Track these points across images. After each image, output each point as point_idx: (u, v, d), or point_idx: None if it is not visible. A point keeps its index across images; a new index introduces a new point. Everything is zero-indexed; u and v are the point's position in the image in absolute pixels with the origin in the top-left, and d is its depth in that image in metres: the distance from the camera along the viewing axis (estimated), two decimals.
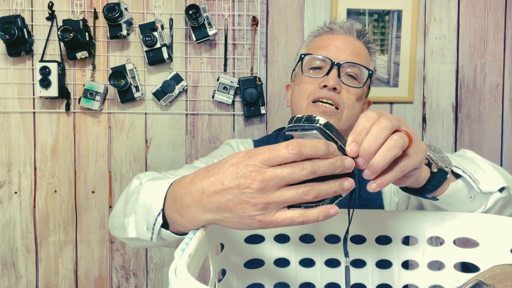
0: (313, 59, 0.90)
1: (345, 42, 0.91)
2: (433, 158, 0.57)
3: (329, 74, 0.86)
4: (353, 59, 0.89)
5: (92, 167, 1.58)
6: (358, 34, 0.93)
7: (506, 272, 0.47)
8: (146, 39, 1.47)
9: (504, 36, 1.65)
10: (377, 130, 0.46)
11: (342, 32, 0.92)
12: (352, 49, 0.90)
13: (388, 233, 0.65)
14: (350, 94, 0.88)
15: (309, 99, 0.88)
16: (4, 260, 1.58)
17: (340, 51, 0.89)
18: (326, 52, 0.89)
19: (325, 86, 0.86)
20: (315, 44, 0.94)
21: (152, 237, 0.56)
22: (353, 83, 0.89)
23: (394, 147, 0.45)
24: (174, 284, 0.39)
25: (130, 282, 1.62)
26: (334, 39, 0.91)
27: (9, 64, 1.53)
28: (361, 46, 0.93)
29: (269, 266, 0.65)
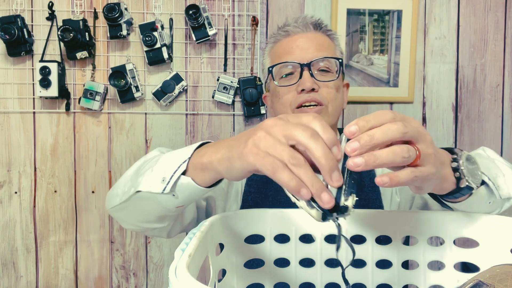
0: (281, 68, 0.90)
1: (305, 40, 0.90)
2: (464, 173, 0.53)
3: (302, 77, 0.86)
4: (319, 54, 0.89)
5: (92, 167, 1.58)
6: (314, 26, 0.92)
7: (506, 272, 0.47)
8: (146, 39, 1.47)
9: (504, 36, 1.65)
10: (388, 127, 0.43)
11: (299, 30, 0.92)
12: (314, 44, 0.90)
13: (388, 233, 0.65)
14: (329, 88, 0.89)
15: (292, 107, 0.88)
16: (4, 260, 1.58)
17: (304, 51, 0.89)
18: (291, 56, 0.89)
19: (303, 90, 0.86)
20: (277, 51, 0.94)
21: (165, 188, 0.58)
22: (327, 76, 0.89)
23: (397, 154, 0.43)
24: (174, 284, 0.39)
25: (130, 282, 1.62)
26: (293, 41, 0.91)
27: (9, 64, 1.53)
28: (322, 36, 0.93)
29: (269, 266, 0.65)
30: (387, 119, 0.44)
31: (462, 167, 0.53)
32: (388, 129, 0.43)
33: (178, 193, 0.59)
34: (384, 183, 0.43)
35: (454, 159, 0.54)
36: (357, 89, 1.60)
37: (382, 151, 0.42)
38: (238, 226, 0.63)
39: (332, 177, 0.42)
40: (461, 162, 0.53)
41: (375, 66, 1.60)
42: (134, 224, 0.73)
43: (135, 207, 0.67)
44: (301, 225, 0.65)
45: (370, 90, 1.60)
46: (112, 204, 0.71)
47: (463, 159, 0.54)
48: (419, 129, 0.45)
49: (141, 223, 0.72)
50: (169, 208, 0.64)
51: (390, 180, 0.43)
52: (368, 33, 1.59)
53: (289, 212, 0.66)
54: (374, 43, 1.59)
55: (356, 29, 1.58)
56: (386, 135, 0.42)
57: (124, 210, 0.70)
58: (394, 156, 0.42)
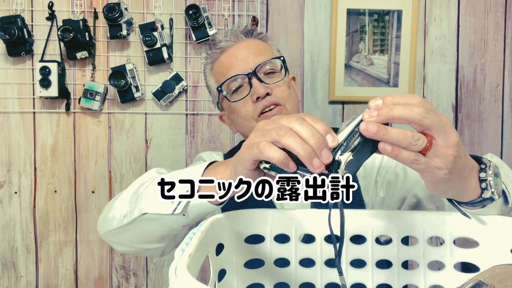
0: (229, 84, 0.90)
1: (241, 50, 0.91)
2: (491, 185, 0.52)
3: (252, 86, 0.87)
4: (259, 59, 0.89)
5: (92, 167, 1.58)
6: (245, 34, 0.93)
7: (506, 272, 0.47)
8: (146, 39, 1.47)
9: (504, 36, 1.65)
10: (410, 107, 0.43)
11: (232, 43, 0.92)
12: (251, 51, 0.91)
13: (388, 233, 0.65)
14: (281, 87, 0.90)
15: (254, 117, 0.88)
16: (4, 260, 1.58)
17: (244, 61, 0.89)
18: (235, 70, 0.89)
19: (258, 98, 0.87)
20: (218, 69, 0.94)
21: (176, 208, 0.58)
22: (275, 77, 0.90)
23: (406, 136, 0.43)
24: (174, 284, 0.39)
25: (130, 282, 1.62)
26: (230, 54, 0.91)
27: (9, 64, 1.53)
28: (255, 42, 0.93)
29: (269, 266, 0.65)
30: (414, 101, 0.44)
31: (490, 178, 0.53)
32: (410, 108, 0.43)
33: (189, 212, 0.59)
34: (384, 150, 0.44)
35: (483, 169, 0.53)
36: (357, 89, 1.60)
37: (393, 129, 0.43)
38: (238, 226, 0.63)
39: (322, 156, 0.44)
40: (489, 173, 0.53)
41: (375, 66, 1.60)
42: (131, 246, 0.73)
43: (137, 229, 0.67)
44: (301, 225, 0.65)
45: (370, 90, 1.60)
46: (107, 229, 0.71)
47: (492, 170, 0.53)
48: (444, 125, 0.45)
49: (139, 244, 0.72)
50: (175, 228, 0.64)
51: (392, 149, 0.44)
52: (368, 33, 1.59)
53: (289, 212, 0.66)
54: (374, 43, 1.59)
55: (356, 29, 1.58)
56: (405, 112, 0.43)
57: (123, 233, 0.69)
58: (404, 138, 0.43)
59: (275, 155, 0.45)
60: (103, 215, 0.74)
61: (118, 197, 0.73)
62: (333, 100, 1.60)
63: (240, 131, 0.96)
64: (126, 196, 0.70)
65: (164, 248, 0.77)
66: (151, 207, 0.61)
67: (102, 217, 0.74)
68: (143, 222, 0.65)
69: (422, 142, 0.44)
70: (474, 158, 0.55)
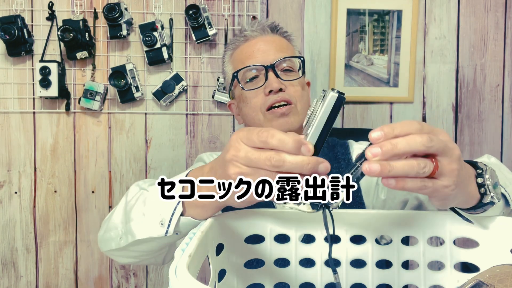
0: (246, 71, 0.91)
1: (265, 42, 0.92)
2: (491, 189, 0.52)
3: (268, 78, 0.87)
4: (280, 54, 0.90)
5: (92, 167, 1.58)
6: (271, 29, 0.94)
7: (506, 272, 0.47)
8: (146, 39, 1.47)
9: (504, 36, 1.65)
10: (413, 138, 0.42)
11: (257, 34, 0.93)
12: (274, 46, 0.91)
13: (388, 233, 0.65)
14: (295, 86, 0.90)
15: (263, 109, 0.88)
16: (4, 260, 1.58)
17: (265, 53, 0.90)
18: (254, 60, 0.90)
19: (270, 91, 0.87)
20: (238, 57, 0.94)
21: (167, 231, 0.57)
22: (292, 75, 0.90)
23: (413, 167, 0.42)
24: (174, 284, 0.39)
25: (130, 282, 1.62)
26: (253, 45, 0.92)
27: (9, 64, 1.53)
28: (280, 39, 0.94)
29: (269, 266, 0.65)
30: (413, 129, 0.43)
31: (488, 182, 0.52)
32: (413, 140, 0.42)
33: (181, 229, 0.59)
34: (389, 184, 0.43)
35: (479, 174, 0.53)
36: (357, 89, 1.60)
37: (398, 163, 0.42)
38: (238, 226, 0.63)
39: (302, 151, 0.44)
40: (486, 177, 0.52)
41: (375, 66, 1.60)
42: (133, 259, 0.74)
43: (135, 248, 0.67)
44: (301, 225, 0.65)
45: (370, 90, 1.60)
46: (108, 248, 0.71)
47: (489, 174, 0.53)
48: (446, 143, 0.44)
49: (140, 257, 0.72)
50: (171, 243, 0.65)
51: (396, 183, 0.43)
52: (368, 33, 1.59)
53: (289, 212, 0.66)
54: (374, 43, 1.59)
55: (356, 29, 1.58)
56: (410, 146, 0.42)
57: (123, 251, 0.70)
58: (410, 169, 0.42)
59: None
60: (101, 233, 0.73)
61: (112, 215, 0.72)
62: None
63: (246, 121, 0.96)
64: (118, 215, 0.69)
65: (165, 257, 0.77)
66: (142, 233, 0.61)
67: (101, 235, 0.74)
68: (138, 244, 0.65)
69: (428, 168, 0.43)
70: (470, 163, 0.55)
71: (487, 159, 0.75)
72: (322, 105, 0.46)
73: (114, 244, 0.68)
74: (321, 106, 0.46)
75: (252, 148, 0.46)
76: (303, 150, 0.44)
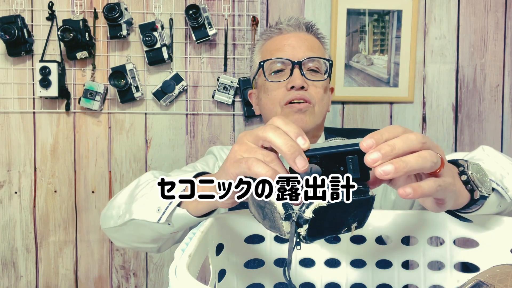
0: (272, 63, 0.91)
1: (297, 39, 0.92)
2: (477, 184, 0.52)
3: (292, 74, 0.87)
4: (310, 53, 0.90)
5: (92, 167, 1.58)
6: (307, 28, 0.94)
7: (506, 272, 0.47)
8: (146, 39, 1.47)
9: (504, 36, 1.65)
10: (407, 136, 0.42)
11: (292, 29, 0.93)
12: (306, 44, 0.91)
13: (388, 233, 0.65)
14: (317, 88, 0.90)
15: (281, 103, 0.89)
16: (4, 260, 1.58)
17: (295, 49, 0.90)
18: (283, 53, 0.90)
19: (292, 87, 0.87)
20: (268, 47, 0.95)
21: (160, 218, 0.58)
22: (317, 76, 0.91)
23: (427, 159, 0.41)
24: (174, 284, 0.39)
25: (130, 282, 1.62)
26: (286, 39, 0.92)
27: (9, 64, 1.53)
28: (313, 38, 0.94)
29: (269, 266, 0.65)
30: (400, 131, 0.43)
31: (472, 177, 0.51)
32: (408, 138, 0.42)
33: (173, 222, 0.59)
34: (407, 195, 0.41)
35: (462, 172, 0.52)
36: (357, 89, 1.60)
37: (411, 157, 0.41)
38: (238, 226, 0.63)
39: (296, 162, 0.43)
40: (470, 173, 0.51)
41: (375, 66, 1.60)
42: (127, 244, 0.74)
43: (130, 231, 0.68)
44: None
45: (370, 90, 1.60)
46: (107, 225, 0.72)
47: (471, 169, 0.52)
48: (432, 142, 0.45)
49: (134, 243, 0.73)
50: (164, 234, 0.65)
51: (414, 191, 0.41)
52: (368, 33, 1.59)
53: None
54: (374, 43, 1.59)
55: (356, 29, 1.58)
56: (407, 144, 0.41)
57: (119, 232, 0.71)
58: (424, 161, 0.41)
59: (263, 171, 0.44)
60: (104, 211, 0.75)
61: (118, 195, 0.74)
62: (333, 100, 1.60)
63: (263, 112, 0.96)
64: (124, 196, 0.71)
65: (160, 247, 0.77)
66: (139, 214, 0.62)
67: (103, 213, 0.75)
68: (133, 226, 0.66)
69: (438, 158, 0.42)
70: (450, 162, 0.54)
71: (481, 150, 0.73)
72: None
73: (113, 222, 0.69)
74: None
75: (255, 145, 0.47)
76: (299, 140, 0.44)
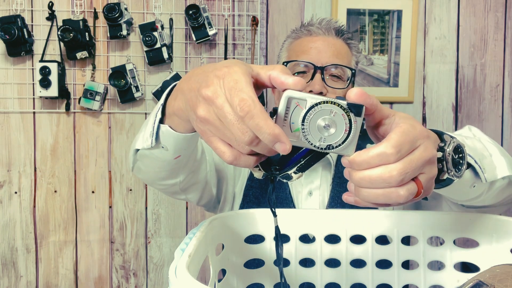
0: (295, 65, 0.91)
1: (325, 43, 0.91)
2: (449, 167, 0.48)
3: (313, 78, 0.87)
4: (335, 60, 0.90)
5: (92, 167, 1.58)
6: (336, 32, 0.94)
7: (506, 272, 0.47)
8: (146, 39, 1.47)
9: (504, 36, 1.65)
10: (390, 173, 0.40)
11: (321, 33, 0.93)
12: (333, 49, 0.91)
13: (388, 233, 0.65)
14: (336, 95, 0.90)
15: None
16: (4, 260, 1.58)
17: (321, 53, 0.90)
18: (308, 56, 0.90)
19: (311, 91, 0.87)
20: (295, 47, 0.95)
21: (152, 141, 0.57)
22: (338, 84, 0.90)
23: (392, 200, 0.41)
24: (174, 284, 0.39)
25: (130, 282, 1.62)
26: (313, 41, 0.92)
27: (9, 64, 1.53)
28: (341, 44, 0.94)
29: (269, 266, 0.65)
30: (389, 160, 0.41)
31: (448, 157, 0.48)
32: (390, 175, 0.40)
33: (164, 143, 0.59)
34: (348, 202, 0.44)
35: (441, 148, 0.48)
36: None
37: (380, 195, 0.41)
38: (238, 226, 0.63)
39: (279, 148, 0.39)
40: (447, 151, 0.48)
41: (375, 66, 1.60)
42: (155, 183, 0.75)
43: (143, 164, 0.69)
44: (301, 225, 0.65)
45: (370, 90, 1.60)
46: (130, 166, 0.73)
47: (450, 148, 0.48)
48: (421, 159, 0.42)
49: (158, 180, 0.73)
50: (169, 161, 0.64)
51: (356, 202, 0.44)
52: (368, 33, 1.59)
53: (289, 212, 0.66)
54: (374, 43, 1.59)
55: (356, 29, 1.58)
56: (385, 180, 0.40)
57: (140, 171, 0.72)
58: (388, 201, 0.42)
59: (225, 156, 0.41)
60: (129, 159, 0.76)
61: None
62: None
63: None
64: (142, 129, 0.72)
65: (181, 183, 0.77)
66: (138, 143, 0.62)
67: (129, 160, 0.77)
68: (142, 158, 0.66)
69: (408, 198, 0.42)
70: (436, 133, 0.52)
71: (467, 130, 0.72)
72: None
73: (131, 162, 0.70)
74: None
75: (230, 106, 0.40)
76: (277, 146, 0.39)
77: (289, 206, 0.91)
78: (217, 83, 0.40)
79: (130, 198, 1.59)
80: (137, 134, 0.70)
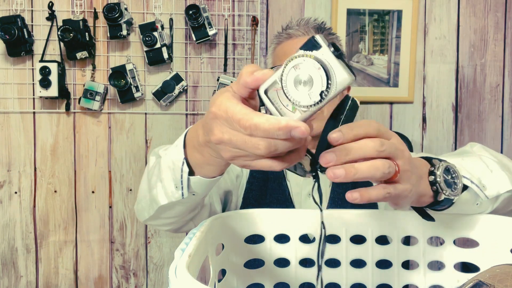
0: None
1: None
2: (442, 187, 0.51)
3: None
4: None
5: (92, 167, 1.58)
6: (316, 30, 0.94)
7: (506, 272, 0.47)
8: (146, 39, 1.47)
9: (504, 36, 1.65)
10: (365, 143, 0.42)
11: (300, 34, 0.93)
12: None
13: (388, 233, 0.65)
14: None
15: None
16: (4, 260, 1.58)
17: None
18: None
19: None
20: (278, 53, 0.95)
21: (183, 193, 0.58)
22: None
23: (379, 169, 0.42)
24: (174, 284, 0.39)
25: (130, 282, 1.62)
26: (294, 44, 0.92)
27: (9, 64, 1.53)
28: None
29: (269, 266, 0.65)
30: (371, 130, 0.43)
31: (439, 179, 0.51)
32: (366, 145, 0.42)
33: (195, 190, 0.60)
34: (354, 199, 0.43)
35: (431, 172, 0.52)
36: (357, 89, 1.60)
37: (363, 165, 0.42)
38: (238, 226, 0.63)
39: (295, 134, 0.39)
40: (438, 174, 0.51)
41: (375, 66, 1.60)
42: (170, 225, 0.75)
43: (165, 215, 0.69)
44: (301, 225, 0.65)
45: (370, 90, 1.60)
46: (143, 218, 0.73)
47: (440, 170, 0.52)
48: (397, 146, 0.45)
49: (176, 223, 0.74)
50: (197, 202, 0.66)
51: (361, 196, 0.43)
52: (368, 33, 1.59)
53: (289, 212, 0.66)
54: (374, 43, 1.59)
55: (356, 29, 1.58)
56: (362, 150, 0.42)
57: (156, 219, 0.72)
58: (375, 171, 0.42)
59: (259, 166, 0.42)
60: (135, 206, 0.76)
61: (140, 187, 0.74)
62: None
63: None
64: (144, 186, 0.71)
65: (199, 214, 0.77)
66: (163, 199, 0.62)
67: (135, 208, 0.77)
68: (165, 210, 0.67)
69: (392, 168, 0.43)
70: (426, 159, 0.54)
71: (469, 148, 0.73)
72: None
73: (147, 214, 0.70)
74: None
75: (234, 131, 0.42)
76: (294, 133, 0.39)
77: (289, 207, 0.91)
78: (215, 124, 0.42)
79: (130, 198, 1.59)
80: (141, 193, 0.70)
